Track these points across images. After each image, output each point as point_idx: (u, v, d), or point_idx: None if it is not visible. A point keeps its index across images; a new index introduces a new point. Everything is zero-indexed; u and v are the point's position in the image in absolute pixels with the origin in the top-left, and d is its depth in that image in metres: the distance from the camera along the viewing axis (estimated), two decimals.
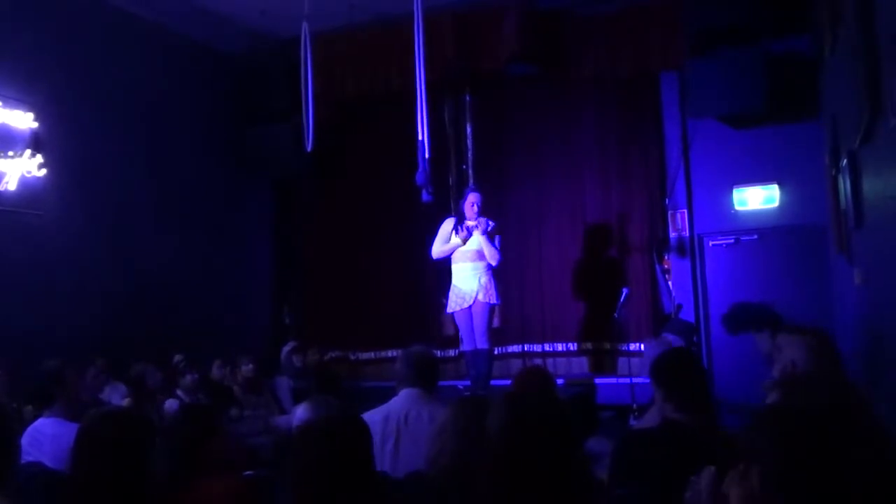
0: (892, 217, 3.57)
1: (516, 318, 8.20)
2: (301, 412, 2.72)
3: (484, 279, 6.58)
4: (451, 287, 6.75)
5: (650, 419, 3.49)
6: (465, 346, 6.79)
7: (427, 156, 5.78)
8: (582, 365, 7.99)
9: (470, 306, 6.59)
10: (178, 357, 6.26)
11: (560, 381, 6.44)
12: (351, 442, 2.06)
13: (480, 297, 6.55)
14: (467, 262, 6.64)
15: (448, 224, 6.82)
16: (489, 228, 6.59)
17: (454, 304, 6.69)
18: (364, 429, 2.14)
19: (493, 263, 6.61)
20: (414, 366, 3.38)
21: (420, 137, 5.78)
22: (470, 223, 6.63)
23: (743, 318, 4.70)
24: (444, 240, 6.77)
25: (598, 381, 7.11)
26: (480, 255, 6.60)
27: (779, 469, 1.44)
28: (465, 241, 6.61)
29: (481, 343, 6.59)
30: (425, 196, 6.08)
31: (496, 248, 6.60)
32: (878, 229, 4.01)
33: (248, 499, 2.76)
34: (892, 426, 2.53)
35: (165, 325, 7.04)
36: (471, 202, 6.68)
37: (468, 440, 2.32)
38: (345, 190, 9.02)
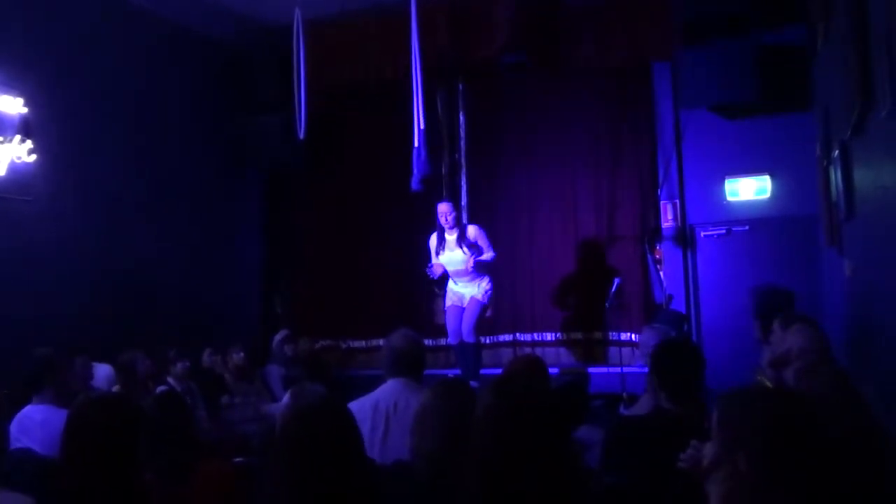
0: (882, 209, 3.58)
1: (507, 307, 8.21)
2: (287, 400, 2.72)
3: (484, 284, 6.75)
4: (448, 287, 6.84)
5: (642, 406, 3.51)
6: (451, 340, 6.94)
7: (419, 144, 5.80)
8: (573, 354, 8.01)
9: (464, 306, 6.77)
10: (171, 352, 6.16)
11: (554, 371, 6.47)
12: (332, 429, 2.05)
13: (478, 297, 6.73)
14: (463, 277, 6.77)
15: (433, 240, 6.86)
16: (466, 244, 6.58)
17: (450, 300, 6.86)
18: (345, 415, 2.12)
19: (492, 255, 6.68)
20: (399, 357, 3.37)
21: (420, 126, 5.81)
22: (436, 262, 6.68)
23: (773, 305, 4.59)
24: (434, 255, 6.81)
25: (589, 370, 7.12)
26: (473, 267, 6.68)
27: (770, 457, 1.44)
28: (436, 275, 6.67)
29: (467, 336, 6.70)
30: (415, 184, 6.11)
31: (483, 249, 6.64)
32: (869, 221, 4.02)
33: (237, 484, 2.76)
34: (882, 417, 2.55)
35: (156, 312, 7.01)
36: (441, 213, 6.69)
37: (449, 425, 2.31)
38: (336, 179, 8.98)
